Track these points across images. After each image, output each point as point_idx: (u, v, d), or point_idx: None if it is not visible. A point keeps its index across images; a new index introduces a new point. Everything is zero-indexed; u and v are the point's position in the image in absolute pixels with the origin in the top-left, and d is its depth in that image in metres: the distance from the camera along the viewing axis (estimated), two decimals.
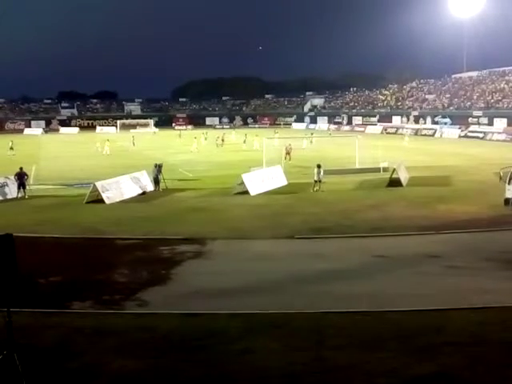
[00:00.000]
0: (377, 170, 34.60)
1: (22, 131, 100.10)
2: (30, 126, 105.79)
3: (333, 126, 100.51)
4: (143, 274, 15.04)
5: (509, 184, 23.28)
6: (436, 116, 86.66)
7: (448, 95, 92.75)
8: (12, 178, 28.39)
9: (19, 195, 28.13)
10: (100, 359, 9.33)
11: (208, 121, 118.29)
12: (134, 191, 28.70)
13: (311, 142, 57.65)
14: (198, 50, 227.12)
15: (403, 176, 30.62)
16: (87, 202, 25.86)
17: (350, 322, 11.05)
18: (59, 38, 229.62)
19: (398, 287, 13.45)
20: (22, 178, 28.22)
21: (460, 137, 74.32)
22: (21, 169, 28.45)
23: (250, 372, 8.89)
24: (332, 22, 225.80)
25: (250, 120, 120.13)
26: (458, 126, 78.81)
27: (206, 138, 65.00)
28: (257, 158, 37.43)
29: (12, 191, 28.29)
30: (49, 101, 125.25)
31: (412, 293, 12.96)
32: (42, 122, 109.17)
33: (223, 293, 13.13)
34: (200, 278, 14.53)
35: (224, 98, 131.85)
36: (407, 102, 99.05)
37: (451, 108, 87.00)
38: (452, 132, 77.57)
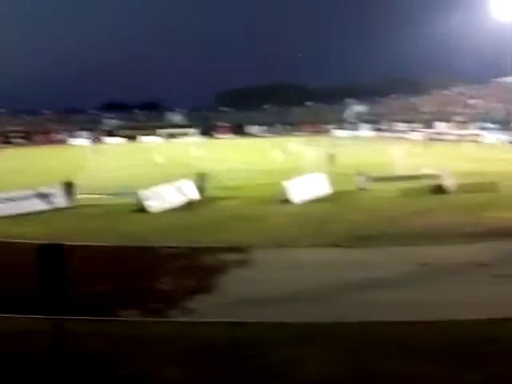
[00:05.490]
0: (421, 176, 34.09)
1: (66, 142, 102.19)
2: (74, 137, 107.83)
3: (375, 133, 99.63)
4: (188, 282, 15.17)
5: None
6: (480, 121, 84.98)
7: (493, 100, 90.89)
8: (60, 187, 29.02)
9: (67, 205, 28.75)
10: (148, 367, 9.46)
11: (248, 129, 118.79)
12: (178, 200, 28.98)
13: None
14: (237, 58, 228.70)
15: (449, 182, 30.14)
16: (132, 211, 26.25)
17: (397, 332, 10.92)
18: (106, 50, 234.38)
19: (446, 296, 13.22)
20: (69, 187, 28.82)
21: (510, 142, 72.48)
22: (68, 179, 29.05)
23: (295, 381, 8.87)
24: (371, 28, 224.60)
25: (291, 128, 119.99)
26: (504, 132, 77.04)
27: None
28: (299, 166, 37.35)
29: (59, 201, 28.92)
30: (93, 111, 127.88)
31: (460, 302, 12.73)
32: (87, 133, 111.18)
33: (268, 302, 13.15)
34: (244, 286, 14.56)
35: (265, 106, 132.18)
36: (450, 108, 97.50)
37: (497, 113, 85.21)
38: (498, 138, 75.80)
